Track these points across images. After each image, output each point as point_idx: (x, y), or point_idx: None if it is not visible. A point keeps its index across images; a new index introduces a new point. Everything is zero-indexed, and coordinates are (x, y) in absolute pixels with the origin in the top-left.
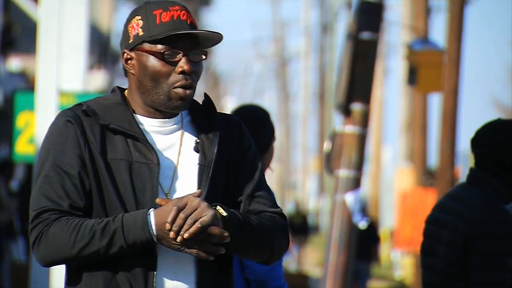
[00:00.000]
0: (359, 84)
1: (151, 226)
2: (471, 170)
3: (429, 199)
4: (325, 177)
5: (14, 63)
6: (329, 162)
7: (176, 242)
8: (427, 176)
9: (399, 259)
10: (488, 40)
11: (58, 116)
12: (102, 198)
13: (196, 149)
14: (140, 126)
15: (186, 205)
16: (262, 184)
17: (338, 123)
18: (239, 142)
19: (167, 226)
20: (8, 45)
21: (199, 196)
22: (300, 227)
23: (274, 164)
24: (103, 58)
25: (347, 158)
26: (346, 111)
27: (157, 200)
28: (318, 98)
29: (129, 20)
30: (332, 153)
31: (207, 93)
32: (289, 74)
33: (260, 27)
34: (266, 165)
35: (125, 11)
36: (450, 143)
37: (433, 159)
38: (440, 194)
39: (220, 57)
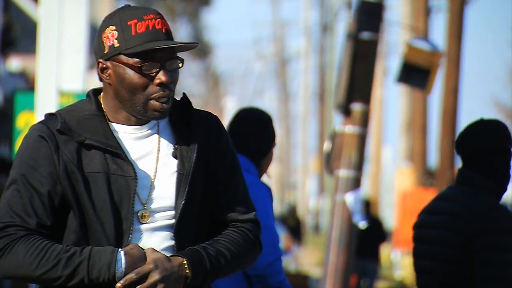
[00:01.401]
0: (359, 84)
1: (119, 267)
2: (459, 170)
3: (429, 199)
4: (325, 177)
5: (14, 63)
6: (329, 162)
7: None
8: (427, 176)
9: (399, 259)
10: (488, 40)
11: (32, 130)
12: (80, 212)
13: (175, 155)
14: (116, 136)
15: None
16: (239, 188)
17: (338, 123)
18: (217, 143)
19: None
20: (8, 45)
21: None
22: (293, 229)
23: (274, 164)
24: None
25: (347, 158)
26: (346, 111)
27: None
28: (318, 98)
29: (103, 29)
30: (332, 153)
31: (204, 93)
32: (289, 74)
33: (260, 27)
34: (264, 169)
35: None
36: (450, 143)
37: (433, 159)
38: None
39: (220, 57)
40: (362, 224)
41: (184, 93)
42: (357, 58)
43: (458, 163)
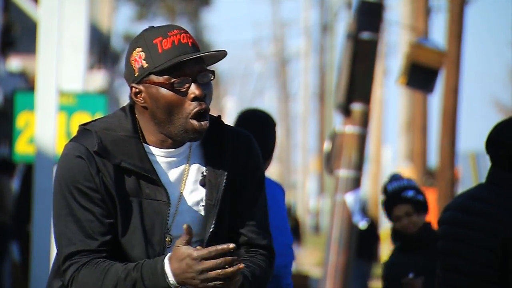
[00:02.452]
0: (359, 84)
1: (167, 276)
2: (491, 170)
3: (429, 199)
4: (325, 177)
5: (14, 63)
6: (329, 162)
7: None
8: (427, 176)
9: None
10: (488, 40)
11: (69, 150)
12: (115, 235)
13: (202, 184)
14: (151, 158)
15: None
16: (260, 209)
17: (338, 123)
18: (246, 163)
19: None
20: (8, 45)
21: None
22: (293, 229)
23: (274, 164)
24: (103, 58)
25: (347, 158)
26: (346, 111)
27: (184, 226)
28: (318, 98)
29: (130, 53)
30: (332, 153)
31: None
32: (289, 74)
33: (260, 27)
34: (265, 169)
35: (125, 11)
36: (450, 143)
37: (433, 159)
38: (440, 194)
39: None
40: (362, 224)
41: (219, 116)
42: (357, 58)
43: (458, 163)
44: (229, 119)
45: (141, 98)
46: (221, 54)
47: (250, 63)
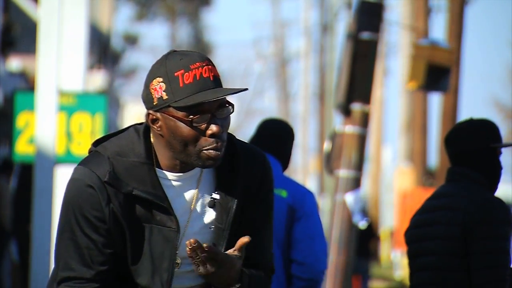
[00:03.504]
0: (359, 84)
1: None
2: (449, 169)
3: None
4: (325, 177)
5: (14, 63)
6: (329, 162)
7: None
8: (427, 176)
9: (399, 259)
10: (488, 40)
11: (82, 176)
12: (123, 263)
13: (212, 206)
14: (163, 183)
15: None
16: (267, 234)
17: (338, 123)
18: (260, 185)
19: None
20: (8, 45)
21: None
22: None
23: None
24: (103, 58)
25: (347, 158)
26: (346, 111)
27: (187, 243)
28: (318, 98)
29: (150, 80)
30: (332, 153)
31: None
32: (289, 74)
33: (260, 27)
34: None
35: (125, 11)
36: None
37: (433, 159)
38: None
39: (220, 57)
40: (362, 224)
41: (231, 134)
42: (357, 58)
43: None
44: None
45: (157, 126)
46: (242, 90)
47: (250, 63)
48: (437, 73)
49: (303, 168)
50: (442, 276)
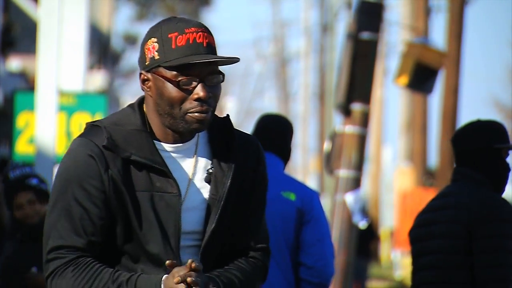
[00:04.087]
0: (359, 84)
1: None
2: (455, 169)
3: (429, 199)
4: (325, 177)
5: (14, 63)
6: (329, 162)
7: None
8: (427, 176)
9: (399, 259)
10: (488, 40)
11: (78, 146)
12: (127, 231)
13: (208, 180)
14: (160, 152)
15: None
16: (260, 215)
17: (338, 123)
18: (255, 169)
19: None
20: (8, 45)
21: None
22: None
23: None
24: (103, 58)
25: (347, 158)
26: (346, 111)
27: (167, 263)
28: (318, 98)
29: (145, 41)
30: (332, 153)
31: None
32: (289, 74)
33: (260, 27)
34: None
35: (125, 11)
36: (450, 143)
37: (433, 159)
38: None
39: None
40: (362, 224)
41: (227, 115)
42: (357, 58)
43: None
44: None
45: (147, 86)
46: (233, 60)
47: (250, 63)
48: (424, 74)
49: (303, 168)
50: (445, 275)
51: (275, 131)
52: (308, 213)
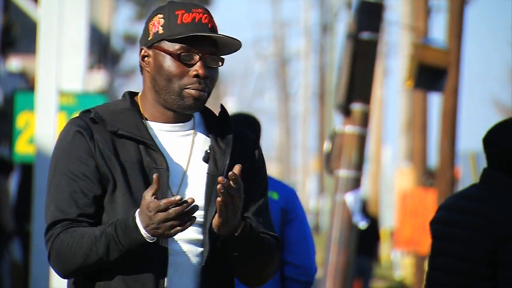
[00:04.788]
0: (359, 84)
1: (140, 228)
2: (485, 170)
3: (429, 199)
4: (325, 177)
5: (14, 63)
6: (329, 162)
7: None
8: (427, 176)
9: (399, 259)
10: (488, 40)
11: (68, 125)
12: (118, 198)
13: (206, 159)
14: (150, 131)
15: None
16: (264, 208)
17: (338, 123)
18: (253, 160)
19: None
20: (8, 45)
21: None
22: None
23: (274, 164)
24: (103, 58)
25: (347, 158)
26: (346, 111)
27: (155, 176)
28: (318, 98)
29: (151, 18)
30: (332, 153)
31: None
32: (289, 74)
33: (260, 27)
34: None
35: (125, 11)
36: (450, 143)
37: (433, 159)
38: (440, 194)
39: None
40: (362, 225)
41: (221, 105)
42: (357, 58)
43: (458, 163)
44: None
45: (146, 62)
46: (237, 44)
47: (250, 63)
48: (431, 73)
49: (303, 168)
50: (461, 281)
51: (255, 127)
52: (291, 212)
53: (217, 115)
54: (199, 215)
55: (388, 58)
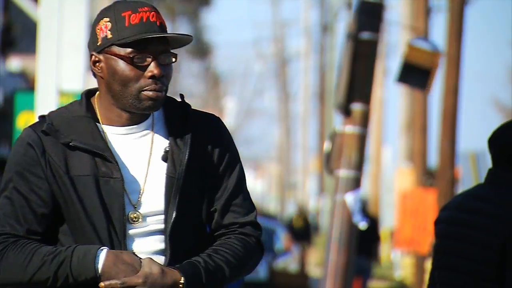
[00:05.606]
0: (359, 84)
1: (97, 262)
2: (490, 170)
3: (429, 199)
4: (325, 177)
5: (14, 63)
6: (329, 162)
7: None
8: (427, 176)
9: (399, 259)
10: (488, 40)
11: (21, 137)
12: (71, 216)
13: (164, 158)
14: (106, 137)
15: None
16: (238, 190)
17: (338, 123)
18: (216, 143)
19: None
20: (8, 45)
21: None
22: (302, 231)
23: (274, 164)
24: None
25: (347, 158)
26: (346, 111)
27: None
28: (318, 98)
29: (97, 22)
30: (332, 153)
31: (204, 93)
32: (289, 74)
33: (260, 27)
34: None
35: None
36: (450, 143)
37: (433, 159)
38: (440, 194)
39: (220, 57)
40: (362, 225)
41: (181, 94)
42: (357, 58)
43: (458, 163)
44: (229, 119)
45: (99, 68)
46: (187, 39)
47: (250, 63)
48: (416, 72)
49: (303, 168)
50: (469, 282)
51: None
52: None
53: (178, 101)
54: (159, 220)
55: (388, 58)
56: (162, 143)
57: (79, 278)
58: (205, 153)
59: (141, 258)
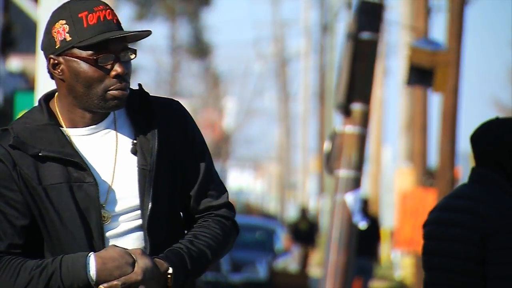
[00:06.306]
0: (359, 84)
1: (89, 270)
2: (473, 169)
3: (429, 199)
4: (325, 177)
5: (14, 63)
6: (329, 162)
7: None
8: (427, 176)
9: (399, 259)
10: (488, 40)
11: None
12: (48, 226)
13: (134, 151)
14: (72, 142)
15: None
16: (209, 173)
17: (338, 123)
18: (182, 129)
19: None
20: (8, 45)
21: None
22: (306, 233)
23: (274, 164)
24: None
25: (347, 158)
26: (346, 111)
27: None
28: (318, 98)
29: (52, 24)
30: (332, 153)
31: (204, 93)
32: (289, 74)
33: (260, 27)
34: None
35: (125, 11)
36: (450, 143)
37: (433, 159)
38: (440, 194)
39: (220, 57)
40: (362, 225)
41: (139, 84)
42: (357, 58)
43: (458, 163)
44: (229, 119)
45: (59, 71)
46: (146, 34)
47: (250, 63)
48: (420, 72)
49: (303, 168)
50: (456, 280)
51: None
52: None
53: (136, 96)
54: (135, 216)
55: (388, 58)
56: (127, 137)
57: (72, 286)
58: (173, 141)
59: (126, 249)
